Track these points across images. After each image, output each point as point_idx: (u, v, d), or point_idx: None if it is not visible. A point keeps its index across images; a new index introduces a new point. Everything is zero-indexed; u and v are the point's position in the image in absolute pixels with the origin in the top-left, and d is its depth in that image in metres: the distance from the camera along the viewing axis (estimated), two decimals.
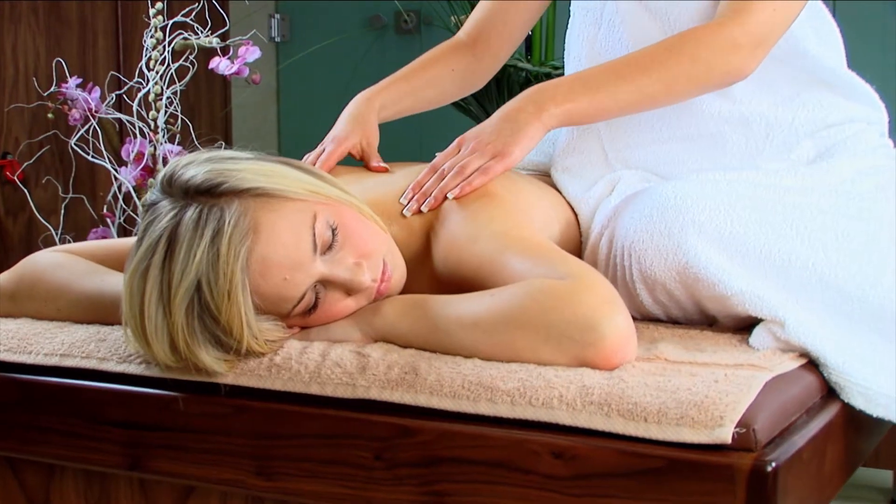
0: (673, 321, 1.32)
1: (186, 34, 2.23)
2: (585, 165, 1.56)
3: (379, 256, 1.22)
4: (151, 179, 2.20)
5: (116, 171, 2.18)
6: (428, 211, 1.31)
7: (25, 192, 2.37)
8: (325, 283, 1.18)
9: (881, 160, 1.43)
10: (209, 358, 1.14)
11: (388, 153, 1.60)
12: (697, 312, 1.28)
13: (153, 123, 2.19)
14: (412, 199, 1.33)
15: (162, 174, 1.20)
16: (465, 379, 1.07)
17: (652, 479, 0.96)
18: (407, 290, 1.28)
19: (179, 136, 2.26)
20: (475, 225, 1.26)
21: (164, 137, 2.21)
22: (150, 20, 2.23)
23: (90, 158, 2.15)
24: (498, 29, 1.66)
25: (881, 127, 1.51)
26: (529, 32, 2.96)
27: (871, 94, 1.50)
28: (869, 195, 1.33)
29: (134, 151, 2.18)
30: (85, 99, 2.14)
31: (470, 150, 1.34)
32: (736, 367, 1.08)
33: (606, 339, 1.06)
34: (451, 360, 1.11)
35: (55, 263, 1.35)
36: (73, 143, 2.16)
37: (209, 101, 3.37)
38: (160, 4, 2.20)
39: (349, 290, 1.19)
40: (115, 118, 2.19)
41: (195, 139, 2.24)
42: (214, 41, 2.21)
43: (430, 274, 1.31)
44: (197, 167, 1.18)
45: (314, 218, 1.17)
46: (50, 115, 2.19)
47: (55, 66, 2.30)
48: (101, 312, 1.31)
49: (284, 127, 4.19)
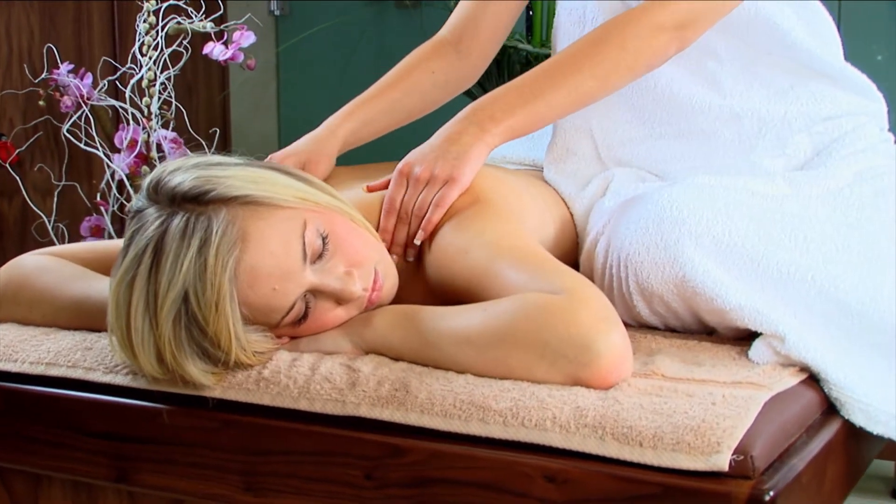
0: (671, 330, 1.29)
1: (180, 18, 2.19)
2: (579, 165, 1.53)
3: (370, 265, 1.19)
4: (145, 167, 2.17)
5: (109, 158, 2.14)
6: (412, 260, 1.29)
7: (17, 178, 2.33)
8: (315, 292, 1.15)
9: (881, 160, 1.39)
10: (196, 370, 1.11)
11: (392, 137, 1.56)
12: (696, 323, 1.25)
13: (146, 110, 2.16)
14: (389, 249, 1.29)
15: (148, 180, 1.18)
16: (456, 398, 1.04)
17: None
18: (399, 298, 1.26)
19: (174, 122, 2.23)
20: (467, 235, 1.23)
21: (157, 124, 2.18)
22: (143, 3, 2.19)
23: (82, 146, 2.12)
24: (484, 24, 1.61)
25: (881, 120, 1.47)
26: (530, 13, 2.93)
27: (868, 84, 1.46)
28: (869, 201, 1.30)
29: (127, 139, 2.15)
30: (76, 85, 2.11)
31: (417, 180, 1.29)
32: (734, 384, 1.06)
33: (601, 358, 1.03)
34: (442, 375, 1.08)
35: (40, 268, 1.33)
36: (65, 130, 2.13)
37: (207, 80, 3.32)
38: None
39: (340, 299, 1.16)
40: (108, 105, 2.16)
41: (189, 127, 2.21)
42: (208, 26, 2.17)
43: (422, 282, 1.28)
44: (184, 174, 1.15)
45: (304, 226, 1.14)
46: (41, 102, 2.16)
47: (50, 49, 2.26)
48: (87, 319, 1.29)
49: (284, 102, 4.15)
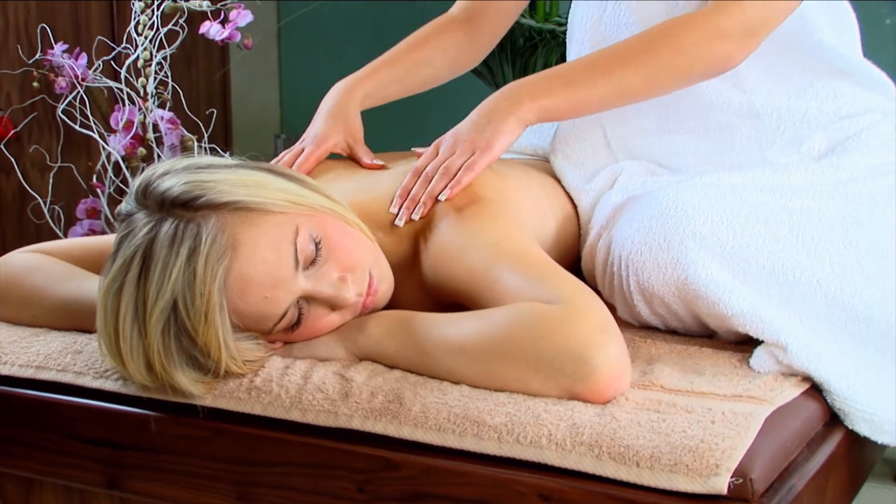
0: (672, 331, 1.27)
1: None
2: (587, 153, 1.50)
3: (365, 269, 1.17)
4: (141, 148, 2.15)
5: (105, 140, 2.11)
6: (420, 218, 1.26)
7: (11, 159, 2.31)
8: (308, 298, 1.13)
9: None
10: (186, 380, 1.09)
11: (392, 124, 1.53)
12: (697, 325, 1.23)
13: (142, 90, 2.13)
14: (401, 206, 1.27)
15: (137, 183, 1.15)
16: (450, 411, 1.02)
17: None
18: (395, 297, 1.24)
19: (171, 102, 2.20)
20: (465, 235, 1.21)
21: (154, 104, 2.15)
22: None
23: (77, 128, 2.09)
24: (494, 7, 1.59)
25: None
26: None
27: (887, 82, 1.43)
28: (881, 197, 1.27)
29: (123, 120, 2.12)
30: (71, 66, 2.08)
31: (449, 148, 1.29)
32: (734, 398, 1.04)
33: (598, 373, 1.01)
34: (437, 387, 1.06)
35: (29, 267, 1.30)
36: (60, 111, 2.09)
37: (206, 49, 3.28)
38: None
39: (333, 306, 1.14)
40: (103, 85, 2.13)
41: (186, 107, 2.18)
42: (205, 4, 2.13)
43: (419, 281, 1.26)
44: (173, 178, 1.13)
45: (296, 232, 1.12)
46: (35, 83, 2.13)
47: (46, 29, 2.22)
48: (77, 319, 1.26)
49: (286, 69, 4.11)
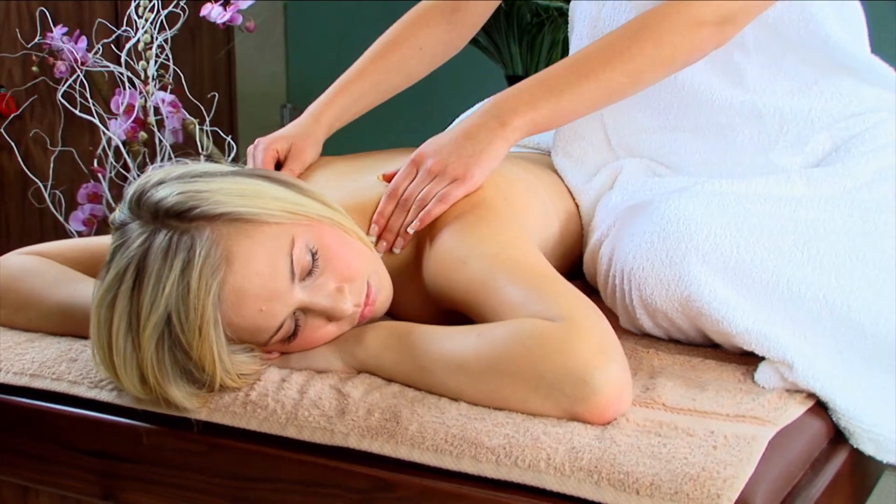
0: (675, 340, 1.25)
1: None
2: (587, 151, 1.47)
3: (363, 279, 1.15)
4: (142, 132, 2.12)
5: (105, 125, 2.09)
6: (399, 252, 1.24)
7: (13, 144, 2.28)
8: (304, 310, 1.11)
9: None
10: (180, 394, 1.08)
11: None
12: (701, 338, 1.21)
13: (143, 74, 2.10)
14: (379, 234, 1.25)
15: (132, 191, 1.13)
16: (448, 432, 1.00)
17: None
18: (396, 302, 1.22)
19: (172, 84, 2.17)
20: (466, 243, 1.18)
21: (155, 87, 2.12)
22: None
23: (77, 112, 2.06)
24: None
25: None
26: None
27: (893, 77, 1.40)
28: (887, 203, 1.24)
29: (124, 104, 2.09)
30: (70, 50, 2.05)
31: (427, 172, 1.25)
32: (737, 418, 1.02)
33: (598, 394, 0.99)
34: (434, 405, 1.05)
35: (25, 270, 1.29)
36: (59, 95, 2.07)
37: (211, 25, 3.24)
38: None
39: (330, 317, 1.12)
40: (104, 69, 2.10)
41: (186, 89, 2.15)
42: None
43: (419, 287, 1.24)
44: (168, 187, 1.10)
45: (292, 243, 1.10)
46: (35, 68, 2.10)
47: (43, 13, 2.19)
48: (73, 325, 1.25)
49: (292, 40, 4.08)
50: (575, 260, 1.45)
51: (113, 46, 2.15)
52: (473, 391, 1.04)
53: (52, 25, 2.07)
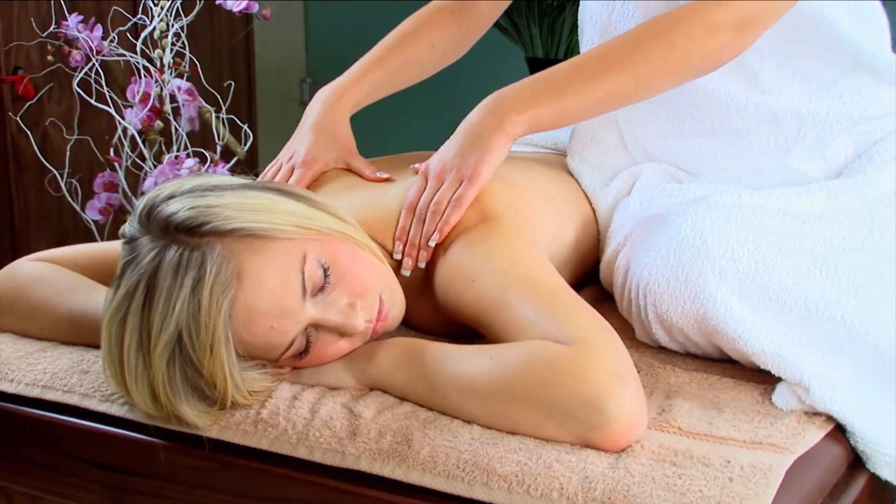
0: (691, 355, 1.23)
1: None
2: (604, 155, 1.45)
3: (375, 294, 1.13)
4: (158, 121, 2.11)
5: (121, 114, 2.08)
6: (425, 265, 1.22)
7: (28, 133, 2.28)
8: (316, 326, 1.10)
9: None
10: (191, 411, 1.07)
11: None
12: (718, 353, 1.19)
13: (159, 62, 2.08)
14: (403, 251, 1.24)
15: (142, 205, 1.12)
16: (460, 457, 0.99)
17: None
18: (408, 315, 1.22)
19: (188, 72, 2.15)
20: (475, 259, 1.17)
21: (171, 76, 2.10)
22: None
23: (93, 102, 2.05)
24: None
25: None
26: None
27: None
28: None
29: (139, 93, 2.07)
30: (86, 38, 2.03)
31: (436, 178, 1.24)
32: (754, 445, 1.00)
33: (612, 422, 0.97)
34: (447, 427, 1.03)
35: (36, 278, 1.28)
36: (75, 84, 2.05)
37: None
38: None
39: (342, 333, 1.11)
40: (118, 58, 2.08)
41: (203, 78, 2.14)
42: None
43: (430, 299, 1.23)
44: (178, 202, 1.09)
45: (303, 259, 1.08)
46: (50, 57, 2.09)
47: (61, 1, 2.17)
48: (84, 334, 1.24)
49: (312, 14, 4.05)
50: (591, 267, 1.43)
51: (129, 35, 2.13)
52: (485, 415, 1.03)
53: (66, 14, 2.05)
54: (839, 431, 1.08)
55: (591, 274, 1.44)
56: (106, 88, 2.09)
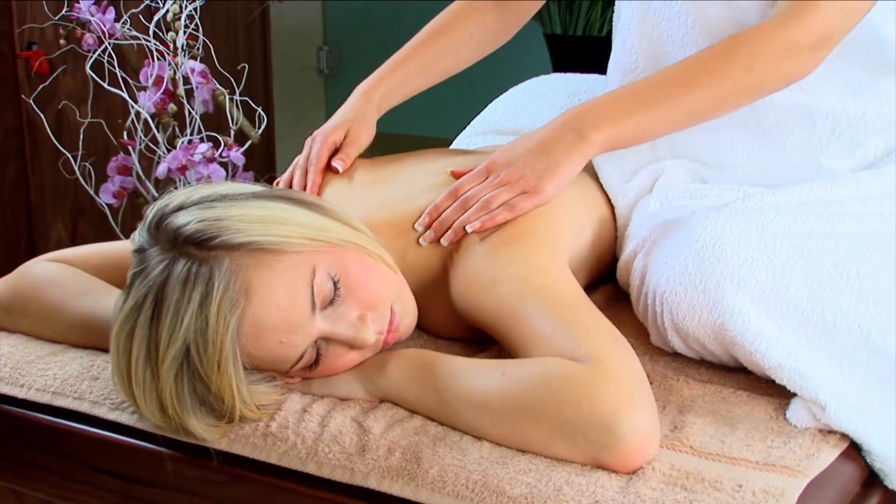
0: (706, 362, 1.21)
1: None
2: (628, 149, 1.42)
3: (386, 305, 1.12)
4: (171, 104, 2.09)
5: (134, 98, 2.06)
6: (447, 244, 1.21)
7: (42, 116, 2.26)
8: (326, 338, 1.09)
9: None
10: (200, 425, 1.07)
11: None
12: (733, 362, 1.17)
13: (172, 45, 2.06)
14: (428, 225, 1.22)
15: (151, 214, 1.11)
16: (469, 477, 0.98)
17: None
18: (422, 316, 1.21)
19: (202, 54, 2.13)
20: (495, 265, 1.15)
21: (184, 58, 2.09)
22: None
23: (106, 86, 2.04)
24: None
25: None
26: None
27: None
28: None
29: (153, 76, 2.06)
30: (98, 21, 2.01)
31: (500, 180, 1.22)
32: (767, 467, 0.99)
33: (624, 443, 0.96)
34: (456, 445, 1.02)
35: (49, 280, 1.27)
36: (88, 67, 2.04)
37: None
38: None
39: (352, 346, 1.10)
40: (131, 42, 2.06)
41: (216, 61, 2.12)
42: None
43: (444, 300, 1.22)
44: (187, 214, 1.08)
45: (313, 273, 1.07)
46: (62, 40, 2.07)
47: None
48: (95, 337, 1.23)
49: None
50: (607, 266, 1.42)
51: (142, 17, 2.11)
52: (497, 432, 1.02)
53: None
54: (854, 448, 1.07)
55: (607, 272, 1.43)
56: (119, 71, 2.07)
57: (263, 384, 1.09)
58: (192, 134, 2.08)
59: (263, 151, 3.24)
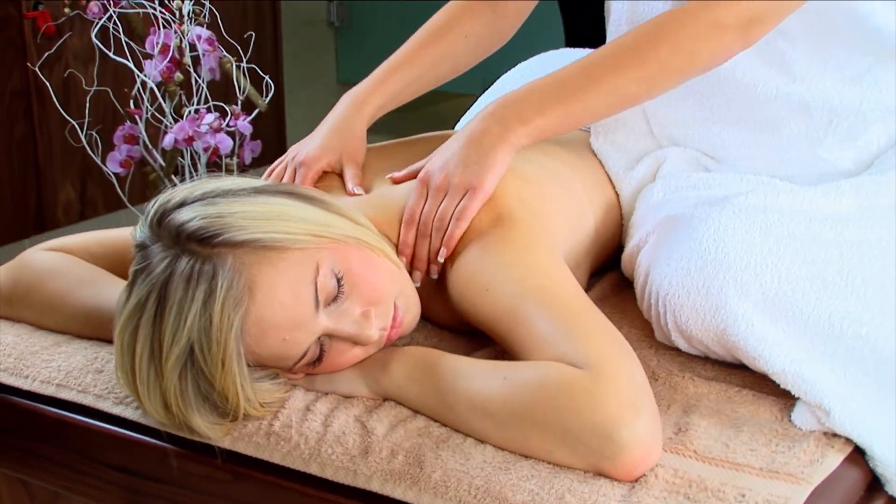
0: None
1: None
2: (629, 138, 1.41)
3: (389, 301, 1.12)
4: (178, 73, 2.07)
5: (140, 66, 2.04)
6: (436, 276, 1.20)
7: (48, 84, 2.25)
8: (329, 335, 1.09)
9: None
10: (203, 423, 1.07)
11: None
12: (738, 361, 1.17)
13: (178, 12, 2.04)
14: (409, 265, 1.21)
15: (153, 211, 1.10)
16: (471, 483, 0.98)
17: None
18: (424, 311, 1.20)
19: (208, 20, 2.11)
20: (490, 266, 1.14)
21: (190, 25, 2.06)
22: None
23: (111, 56, 2.02)
24: None
25: None
26: None
27: None
28: None
29: (159, 44, 2.04)
30: None
31: (437, 189, 1.20)
32: (770, 475, 0.98)
33: (625, 452, 0.96)
34: (459, 448, 1.02)
35: (51, 270, 1.27)
36: (93, 35, 2.02)
37: None
38: None
39: (356, 342, 1.10)
40: (139, 9, 2.04)
41: (222, 28, 2.10)
42: None
43: (444, 299, 1.21)
44: (190, 210, 1.07)
45: (316, 270, 1.06)
46: (67, 9, 2.05)
47: None
48: (98, 328, 1.24)
49: None
50: (612, 253, 1.41)
51: None
52: (499, 437, 1.02)
53: None
54: (858, 453, 1.06)
55: (611, 260, 1.42)
56: (124, 38, 2.05)
57: (267, 381, 1.09)
58: (198, 102, 2.06)
59: (273, 117, 3.21)
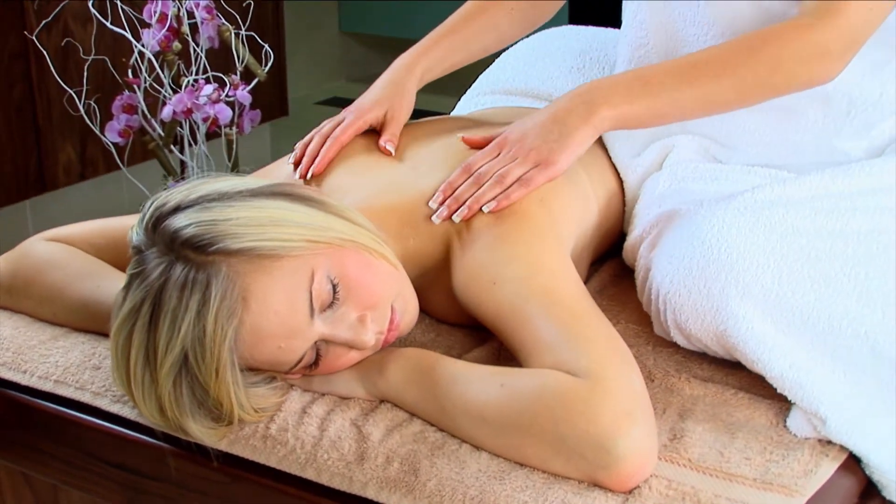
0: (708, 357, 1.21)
1: None
2: None
3: (386, 304, 1.11)
4: (176, 42, 2.05)
5: (138, 36, 2.02)
6: (459, 221, 1.19)
7: (45, 52, 2.22)
8: (325, 340, 1.09)
9: None
10: (198, 428, 1.07)
11: None
12: (735, 360, 1.16)
13: None
14: (442, 202, 1.20)
15: (148, 214, 1.09)
16: (466, 492, 0.99)
17: None
18: (423, 304, 1.20)
19: None
20: (496, 262, 1.14)
21: None
22: None
23: (108, 25, 2.00)
24: None
25: None
26: None
27: None
28: None
29: (157, 13, 2.02)
30: None
31: (511, 155, 1.20)
32: (764, 486, 0.98)
33: (620, 463, 0.96)
34: (454, 455, 1.03)
35: (50, 262, 1.26)
36: (91, 4, 2.00)
37: None
38: None
39: (352, 347, 1.10)
40: None
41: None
42: None
43: (447, 288, 1.21)
44: (185, 216, 1.07)
45: (311, 278, 1.06)
46: None
47: None
48: (96, 322, 1.23)
49: None
50: (614, 240, 1.40)
51: None
52: (494, 444, 1.02)
53: None
54: (853, 459, 1.07)
55: (614, 247, 1.41)
56: (121, 5, 2.03)
57: (263, 387, 1.09)
58: (197, 72, 2.04)
59: (274, 86, 3.18)
